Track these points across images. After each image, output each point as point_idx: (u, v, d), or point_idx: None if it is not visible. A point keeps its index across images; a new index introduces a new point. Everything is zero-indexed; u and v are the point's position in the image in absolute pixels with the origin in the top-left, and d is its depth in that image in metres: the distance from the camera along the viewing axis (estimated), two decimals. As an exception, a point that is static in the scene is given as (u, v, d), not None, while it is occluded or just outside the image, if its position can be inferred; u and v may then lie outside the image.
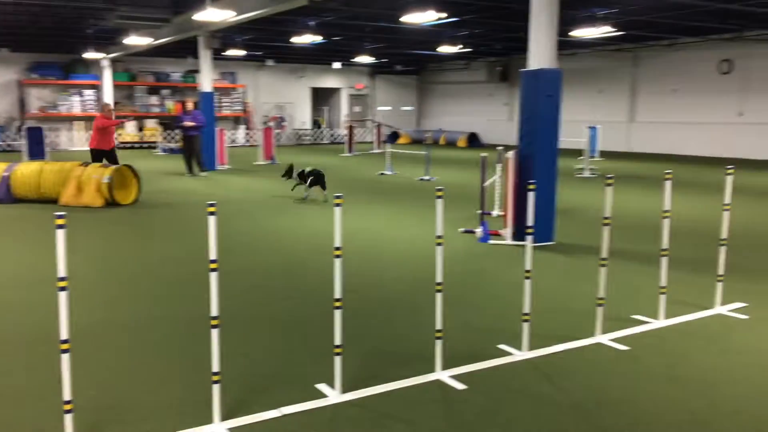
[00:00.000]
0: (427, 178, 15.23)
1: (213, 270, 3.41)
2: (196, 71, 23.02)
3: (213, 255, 3.40)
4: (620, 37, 20.65)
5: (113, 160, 13.11)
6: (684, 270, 6.74)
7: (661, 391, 3.91)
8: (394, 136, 30.41)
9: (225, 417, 3.53)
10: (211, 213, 3.36)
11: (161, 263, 7.26)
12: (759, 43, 20.30)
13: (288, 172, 12.50)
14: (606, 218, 4.75)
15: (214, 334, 3.44)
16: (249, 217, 10.13)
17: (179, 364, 4.34)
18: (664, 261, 5.18)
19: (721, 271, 5.56)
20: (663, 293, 5.22)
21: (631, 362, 4.36)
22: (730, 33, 20.15)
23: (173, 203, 11.67)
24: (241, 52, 23.64)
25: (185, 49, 22.45)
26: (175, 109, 26.21)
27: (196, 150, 16.13)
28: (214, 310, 3.43)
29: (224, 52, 23.22)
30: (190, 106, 16.19)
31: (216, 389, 3.46)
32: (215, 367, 3.45)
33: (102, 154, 13.00)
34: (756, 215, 10.32)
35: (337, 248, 3.70)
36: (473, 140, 28.30)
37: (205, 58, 17.81)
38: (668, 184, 5.01)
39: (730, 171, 5.41)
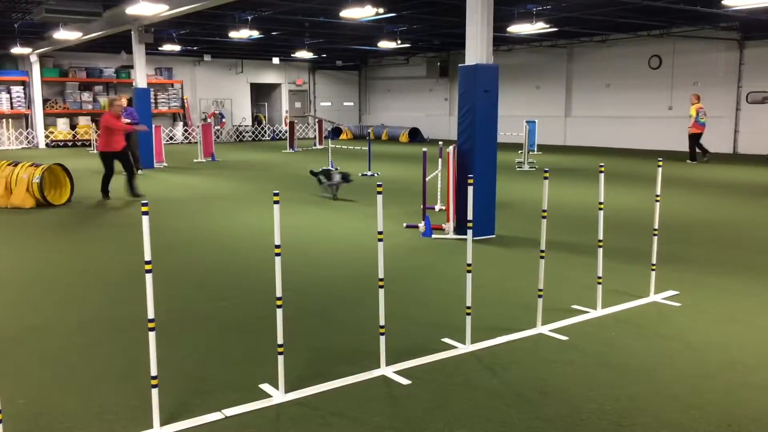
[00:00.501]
0: (369, 173, 15.24)
1: (148, 271, 3.31)
2: (130, 67, 22.38)
3: (147, 256, 3.30)
4: (555, 33, 21.10)
5: (126, 163, 11.46)
6: (619, 260, 6.94)
7: (602, 378, 4.00)
8: (336, 132, 30.29)
9: (165, 421, 3.44)
10: (145, 213, 3.26)
11: (96, 265, 7.02)
12: (684, 39, 21.09)
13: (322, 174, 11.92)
14: (544, 211, 4.84)
15: (152, 336, 3.34)
16: (189, 217, 9.91)
17: (116, 368, 4.20)
18: (600, 252, 5.31)
19: (654, 260, 5.74)
20: (600, 283, 5.35)
21: (571, 351, 4.45)
22: (658, 29, 20.86)
23: (109, 203, 11.32)
24: (177, 47, 23.12)
25: (118, 43, 21.79)
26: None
27: (132, 148, 15.69)
28: (151, 312, 3.33)
29: (159, 47, 22.67)
30: (124, 102, 15.73)
31: (155, 393, 3.37)
32: (153, 370, 3.35)
33: (111, 156, 11.40)
34: (686, 206, 10.70)
35: (277, 246, 3.64)
36: (415, 135, 28.43)
37: (138, 53, 17.29)
38: (602, 177, 5.13)
39: (659, 164, 5.59)
